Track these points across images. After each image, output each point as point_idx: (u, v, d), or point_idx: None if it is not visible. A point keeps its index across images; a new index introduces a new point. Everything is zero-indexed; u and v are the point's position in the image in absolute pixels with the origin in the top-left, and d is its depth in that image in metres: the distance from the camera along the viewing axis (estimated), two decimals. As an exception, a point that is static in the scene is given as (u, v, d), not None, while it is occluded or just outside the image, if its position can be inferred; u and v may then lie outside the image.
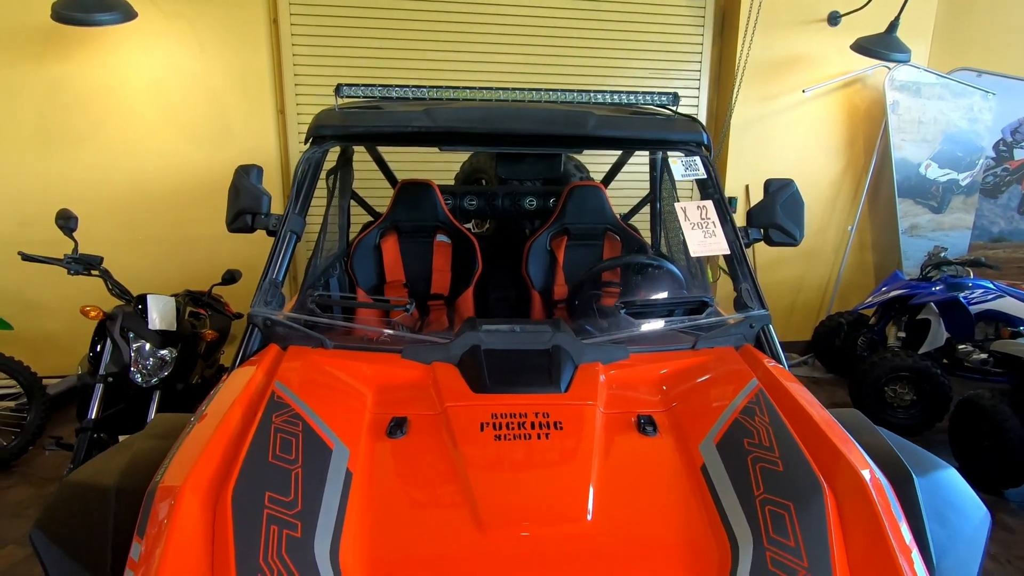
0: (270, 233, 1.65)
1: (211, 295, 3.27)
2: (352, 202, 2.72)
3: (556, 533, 0.92)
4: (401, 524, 0.95)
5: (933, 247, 4.02)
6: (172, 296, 2.80)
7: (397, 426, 1.13)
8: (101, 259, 2.59)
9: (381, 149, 3.01)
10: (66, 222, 2.51)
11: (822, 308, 4.83)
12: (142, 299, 2.56)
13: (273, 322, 1.48)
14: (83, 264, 2.54)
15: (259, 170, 1.71)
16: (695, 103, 4.46)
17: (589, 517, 0.94)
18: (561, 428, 1.12)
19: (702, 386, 1.28)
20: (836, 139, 4.57)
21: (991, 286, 3.75)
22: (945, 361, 3.89)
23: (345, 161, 2.39)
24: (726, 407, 1.16)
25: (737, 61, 4.12)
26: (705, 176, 1.73)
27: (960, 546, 0.93)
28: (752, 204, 4.86)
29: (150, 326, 2.49)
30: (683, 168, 1.73)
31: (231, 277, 3.10)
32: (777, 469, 0.99)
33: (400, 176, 2.77)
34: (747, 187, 4.65)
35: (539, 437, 1.09)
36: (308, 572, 0.81)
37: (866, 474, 0.98)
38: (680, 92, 3.35)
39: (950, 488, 1.04)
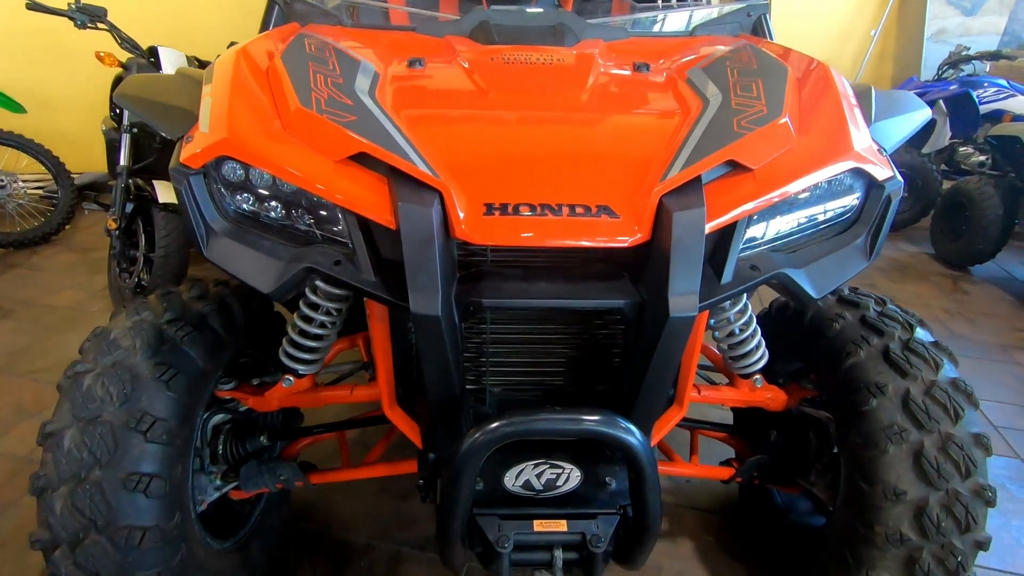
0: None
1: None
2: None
3: (554, 100, 1.09)
4: (422, 89, 1.13)
5: (956, 46, 3.89)
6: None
7: (416, 60, 1.25)
8: (105, 11, 2.57)
9: None
10: (65, -31, 2.46)
11: (831, 123, 4.78)
12: (153, 51, 2.59)
13: None
14: (88, 15, 2.53)
15: None
16: None
17: (585, 97, 1.09)
18: (563, 61, 1.25)
19: (695, 50, 1.38)
20: (874, -72, 4.20)
21: (1005, 85, 3.68)
22: (944, 167, 3.96)
23: None
24: (714, 51, 1.27)
25: None
26: None
27: (895, 117, 1.10)
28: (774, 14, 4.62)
29: (165, 78, 2.55)
30: None
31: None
32: (752, 67, 1.13)
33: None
34: (771, -15, 4.36)
35: (543, 64, 1.23)
36: (351, 95, 0.98)
37: (831, 69, 1.11)
38: None
39: (904, 96, 1.19)
